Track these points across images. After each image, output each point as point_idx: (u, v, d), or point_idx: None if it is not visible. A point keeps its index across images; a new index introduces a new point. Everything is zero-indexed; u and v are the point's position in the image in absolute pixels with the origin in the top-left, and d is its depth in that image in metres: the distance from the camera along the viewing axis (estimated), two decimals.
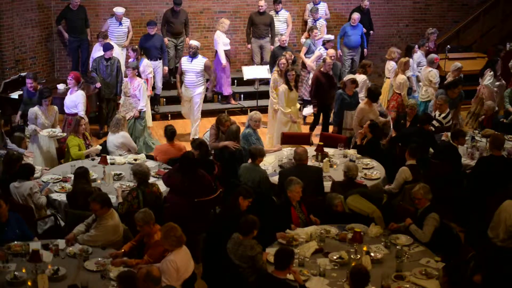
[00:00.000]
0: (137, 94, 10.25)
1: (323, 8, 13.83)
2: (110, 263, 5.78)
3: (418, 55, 12.18)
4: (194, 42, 11.06)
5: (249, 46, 13.33)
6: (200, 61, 10.93)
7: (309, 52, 12.51)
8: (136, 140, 9.99)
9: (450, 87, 10.35)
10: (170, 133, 8.57)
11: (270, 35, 13.11)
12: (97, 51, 11.62)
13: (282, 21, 13.32)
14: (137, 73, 10.38)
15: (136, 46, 11.42)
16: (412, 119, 9.57)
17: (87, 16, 12.75)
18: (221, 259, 5.98)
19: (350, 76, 10.67)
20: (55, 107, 9.40)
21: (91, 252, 6.02)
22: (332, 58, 10.98)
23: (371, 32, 14.09)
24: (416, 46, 12.31)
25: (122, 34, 12.42)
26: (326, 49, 11.80)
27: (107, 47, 11.02)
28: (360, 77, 11.11)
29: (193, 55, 10.89)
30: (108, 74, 11.01)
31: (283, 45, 12.31)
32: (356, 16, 13.18)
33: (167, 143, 8.59)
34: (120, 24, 12.40)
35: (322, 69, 10.82)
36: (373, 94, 9.60)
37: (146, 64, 11.15)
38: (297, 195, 6.72)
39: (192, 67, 10.91)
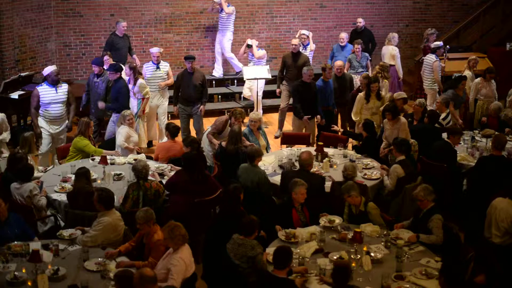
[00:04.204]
0: None
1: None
2: (105, 257, 5.83)
3: None
4: (50, 68, 9.33)
5: (278, 90, 11.59)
6: (65, 89, 9.30)
7: (351, 67, 11.87)
8: None
9: (456, 84, 10.41)
10: (174, 130, 8.60)
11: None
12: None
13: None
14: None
15: (134, 64, 10.25)
16: (420, 117, 9.52)
17: (131, 44, 12.20)
18: (221, 259, 5.98)
19: (403, 94, 10.04)
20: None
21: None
22: (338, 70, 10.54)
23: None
24: None
25: (159, 81, 10.64)
26: (437, 56, 11.57)
27: (96, 62, 9.88)
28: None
29: (56, 83, 9.18)
30: (99, 92, 9.76)
31: (295, 51, 11.24)
32: (343, 35, 12.40)
33: (170, 140, 8.62)
34: (158, 68, 10.71)
35: (361, 87, 10.29)
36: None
37: (140, 85, 10.04)
38: (302, 197, 6.70)
39: (57, 97, 9.22)
